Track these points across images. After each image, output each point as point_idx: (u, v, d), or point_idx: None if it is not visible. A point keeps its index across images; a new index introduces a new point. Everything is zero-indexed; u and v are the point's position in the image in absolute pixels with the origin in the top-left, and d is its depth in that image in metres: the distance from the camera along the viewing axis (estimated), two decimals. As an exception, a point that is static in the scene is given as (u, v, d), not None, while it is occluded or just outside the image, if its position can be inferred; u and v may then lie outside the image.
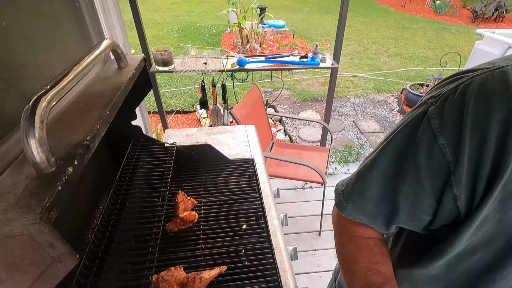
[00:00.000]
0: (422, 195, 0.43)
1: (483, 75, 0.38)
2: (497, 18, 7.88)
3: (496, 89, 0.36)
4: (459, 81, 0.40)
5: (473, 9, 8.04)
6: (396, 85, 4.43)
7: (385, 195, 0.47)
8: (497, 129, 0.35)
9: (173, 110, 3.64)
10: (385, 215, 0.49)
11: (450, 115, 0.39)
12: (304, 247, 1.98)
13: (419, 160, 0.42)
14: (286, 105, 3.91)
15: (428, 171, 0.41)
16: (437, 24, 7.78)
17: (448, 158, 0.39)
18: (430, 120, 0.40)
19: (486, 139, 0.36)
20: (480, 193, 0.38)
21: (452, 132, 0.38)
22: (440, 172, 0.40)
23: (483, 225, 0.40)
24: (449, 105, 0.39)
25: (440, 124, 0.39)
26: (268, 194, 1.05)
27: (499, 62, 0.39)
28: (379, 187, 0.47)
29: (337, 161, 2.77)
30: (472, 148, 0.37)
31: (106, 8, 1.54)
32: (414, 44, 6.27)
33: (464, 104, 0.37)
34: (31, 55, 0.67)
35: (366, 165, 0.50)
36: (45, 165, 0.44)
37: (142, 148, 1.03)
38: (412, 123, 0.43)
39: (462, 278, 0.46)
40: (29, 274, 0.41)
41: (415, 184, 0.43)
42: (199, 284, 0.69)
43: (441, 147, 0.39)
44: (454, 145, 0.38)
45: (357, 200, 0.51)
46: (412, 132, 0.42)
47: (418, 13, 8.85)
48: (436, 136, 0.39)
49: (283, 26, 6.21)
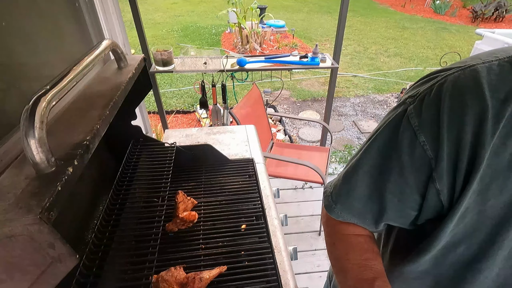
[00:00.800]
0: (408, 192, 0.44)
1: (455, 73, 0.40)
2: (497, 18, 7.88)
3: (468, 86, 0.38)
4: (434, 80, 0.41)
5: (473, 9, 8.04)
6: (396, 85, 4.43)
7: (372, 194, 0.49)
8: (472, 124, 0.37)
9: (173, 110, 3.64)
10: (373, 214, 0.50)
11: (428, 113, 0.40)
12: (304, 247, 1.98)
13: (402, 158, 0.43)
14: (286, 105, 3.91)
15: (411, 168, 0.43)
16: (437, 24, 7.78)
17: (429, 155, 0.41)
18: (410, 119, 0.42)
19: (462, 134, 0.38)
20: (459, 186, 0.40)
21: (431, 129, 0.40)
22: (422, 169, 0.42)
23: (465, 217, 0.41)
24: (426, 103, 0.41)
25: (419, 122, 0.41)
26: (268, 194, 1.05)
27: (469, 61, 0.40)
28: (365, 187, 0.49)
29: (337, 161, 2.77)
30: (450, 144, 0.39)
31: (106, 8, 1.54)
32: (414, 44, 6.27)
33: (440, 102, 0.39)
34: (31, 55, 0.67)
35: (351, 166, 0.51)
36: (45, 165, 0.44)
37: (142, 148, 1.03)
38: (392, 123, 0.45)
39: (450, 271, 0.47)
40: (29, 274, 0.41)
41: (400, 181, 0.44)
42: (199, 284, 0.69)
43: (421, 145, 0.41)
44: (434, 142, 0.40)
45: (345, 201, 0.52)
46: (393, 131, 0.44)
47: (418, 13, 8.85)
48: (417, 134, 0.41)
49: (283, 26, 6.21)
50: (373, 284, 0.49)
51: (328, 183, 0.59)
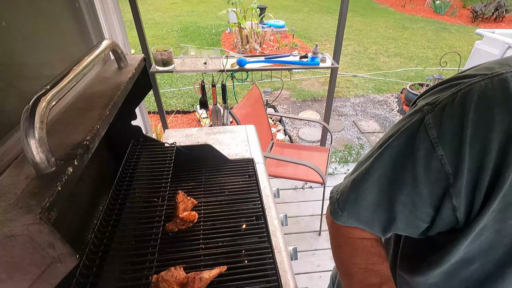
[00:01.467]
0: (420, 204, 0.42)
1: (481, 82, 0.36)
2: (497, 18, 7.88)
3: (497, 99, 0.34)
4: (456, 88, 0.38)
5: (473, 9, 8.04)
6: (396, 85, 4.43)
7: (381, 204, 0.46)
8: (498, 140, 0.34)
9: (173, 110, 3.64)
10: (381, 223, 0.48)
11: (449, 125, 0.37)
12: (304, 247, 1.98)
13: (416, 169, 0.41)
14: (286, 105, 3.91)
15: (426, 181, 0.40)
16: (437, 24, 7.78)
17: (447, 170, 0.38)
18: (428, 130, 0.39)
19: (487, 151, 0.35)
20: (478, 204, 0.38)
21: (451, 143, 0.37)
22: (438, 183, 0.40)
23: (481, 235, 0.39)
24: (447, 114, 0.37)
25: (438, 134, 0.38)
26: (268, 194, 1.05)
27: (497, 68, 0.37)
28: (374, 195, 0.47)
29: (337, 161, 2.77)
30: (472, 160, 0.36)
31: (106, 8, 1.54)
32: (414, 44, 6.27)
33: (464, 114, 0.36)
34: (31, 55, 0.67)
35: (361, 173, 0.49)
36: (45, 165, 0.44)
37: (142, 148, 1.03)
38: (408, 131, 0.42)
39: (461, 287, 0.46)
40: (29, 274, 0.41)
41: (413, 193, 0.42)
42: (199, 284, 0.69)
43: (439, 158, 0.38)
44: (454, 156, 0.37)
45: (353, 209, 0.50)
46: (409, 141, 0.41)
47: (418, 13, 8.85)
48: (434, 147, 0.38)
49: (283, 26, 6.21)
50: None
51: (334, 188, 0.57)
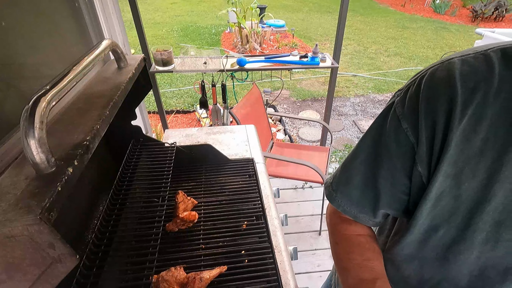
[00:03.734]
0: (397, 176, 0.48)
1: (435, 66, 0.44)
2: (497, 18, 7.88)
3: (443, 78, 0.42)
4: (419, 74, 0.46)
5: (473, 8, 8.04)
6: (396, 85, 4.43)
7: (368, 181, 0.52)
8: (443, 110, 0.41)
9: (173, 110, 3.64)
10: (369, 201, 0.53)
11: (410, 103, 0.45)
12: (304, 247, 1.98)
13: (390, 144, 0.48)
14: (286, 105, 3.91)
15: (398, 153, 0.47)
16: (437, 24, 7.77)
17: (411, 140, 0.45)
18: (396, 109, 0.47)
19: (436, 119, 0.42)
20: (433, 167, 0.44)
21: (412, 116, 0.44)
22: (407, 153, 0.46)
23: (441, 200, 0.44)
24: (409, 94, 0.45)
25: (402, 111, 0.46)
26: (268, 194, 1.05)
27: (453, 55, 0.44)
28: (361, 174, 0.53)
29: (337, 161, 2.77)
30: (427, 129, 0.43)
31: (105, 8, 1.54)
32: (414, 44, 6.27)
33: (419, 92, 0.43)
34: (31, 55, 0.67)
35: (349, 156, 0.56)
36: (45, 165, 0.44)
37: (142, 148, 1.03)
38: (383, 113, 0.50)
39: (433, 253, 0.50)
40: (29, 275, 0.41)
41: (390, 166, 0.48)
42: (199, 284, 0.69)
43: (405, 131, 0.45)
44: (414, 127, 0.44)
45: (344, 190, 0.56)
46: (383, 121, 0.49)
47: (417, 13, 8.84)
48: (401, 122, 0.46)
49: (283, 26, 6.21)
50: (374, 285, 0.50)
51: (328, 176, 0.62)
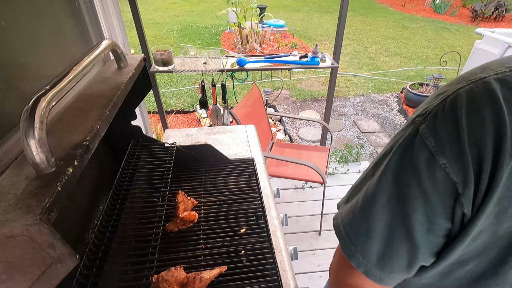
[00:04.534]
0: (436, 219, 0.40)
1: (467, 87, 0.37)
2: (497, 18, 7.88)
3: (485, 100, 0.35)
4: (443, 95, 0.38)
5: (472, 8, 8.04)
6: (396, 85, 4.43)
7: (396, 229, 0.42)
8: (492, 141, 0.34)
9: (173, 110, 3.64)
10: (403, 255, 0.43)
11: (445, 132, 0.36)
12: (304, 247, 1.98)
13: (422, 183, 0.38)
14: (286, 105, 3.91)
15: (435, 194, 0.38)
16: (437, 24, 7.77)
17: (453, 179, 0.36)
18: (425, 140, 0.38)
19: (484, 153, 0.35)
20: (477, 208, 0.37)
21: (451, 149, 0.36)
22: (447, 192, 0.38)
23: (478, 238, 0.39)
24: (440, 121, 0.37)
25: (436, 142, 0.37)
26: (268, 194, 1.05)
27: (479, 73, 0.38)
28: (386, 221, 0.43)
29: (337, 161, 2.77)
30: (474, 164, 0.35)
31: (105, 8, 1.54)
32: (414, 44, 6.27)
33: (457, 119, 0.36)
34: (31, 55, 0.67)
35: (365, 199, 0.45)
36: (45, 165, 0.44)
37: (142, 148, 1.03)
38: (404, 145, 0.40)
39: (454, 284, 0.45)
40: (29, 275, 0.41)
41: (426, 209, 0.39)
42: (199, 284, 0.69)
43: (442, 167, 0.37)
44: (456, 163, 0.36)
45: (367, 244, 0.45)
46: (407, 155, 0.40)
47: (417, 13, 8.84)
48: (435, 156, 0.37)
49: (283, 26, 6.21)
50: None
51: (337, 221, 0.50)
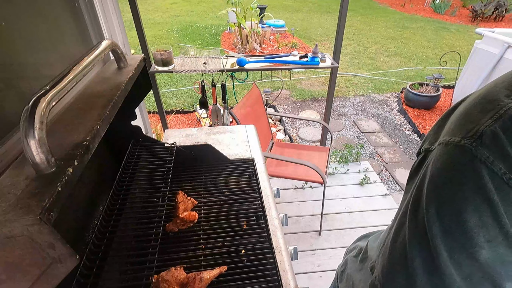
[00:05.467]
0: None
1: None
2: (497, 18, 7.88)
3: None
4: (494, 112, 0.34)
5: (472, 8, 8.04)
6: (396, 85, 4.43)
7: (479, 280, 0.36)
8: None
9: (173, 110, 3.64)
10: None
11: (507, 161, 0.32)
12: (304, 247, 1.98)
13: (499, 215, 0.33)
14: (286, 105, 3.91)
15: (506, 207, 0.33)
16: (437, 24, 7.77)
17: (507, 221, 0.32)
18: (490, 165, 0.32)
19: None
20: None
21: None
22: None
23: None
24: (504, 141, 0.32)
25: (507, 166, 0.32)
26: (268, 194, 1.05)
27: None
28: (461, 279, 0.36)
29: (337, 161, 2.77)
30: None
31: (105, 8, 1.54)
32: (414, 44, 6.27)
33: None
34: (31, 55, 0.67)
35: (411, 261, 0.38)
36: (45, 165, 0.44)
37: (142, 148, 1.03)
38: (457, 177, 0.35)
39: None
40: (29, 275, 0.41)
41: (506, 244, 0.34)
42: (199, 284, 0.69)
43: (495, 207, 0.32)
44: None
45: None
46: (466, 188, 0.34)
47: (417, 13, 8.84)
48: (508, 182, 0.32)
49: (283, 26, 6.21)
50: None
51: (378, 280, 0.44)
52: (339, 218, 2.19)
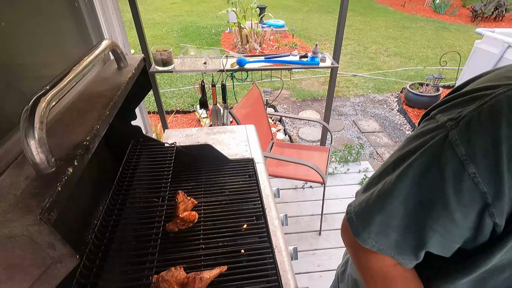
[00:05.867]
0: (453, 228, 0.40)
1: (508, 93, 0.34)
2: (497, 17, 7.87)
3: None
4: (480, 101, 0.36)
5: (472, 8, 8.04)
6: (396, 85, 4.43)
7: (410, 228, 0.44)
8: None
9: (173, 110, 3.64)
10: (412, 247, 0.45)
11: (480, 141, 0.35)
12: (304, 247, 1.98)
13: (446, 192, 0.38)
14: (286, 105, 3.91)
15: (458, 205, 0.38)
16: (437, 23, 7.77)
17: (481, 189, 0.36)
18: (454, 147, 0.37)
19: None
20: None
21: (485, 160, 0.35)
22: (473, 204, 0.37)
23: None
24: (475, 129, 0.35)
25: (467, 151, 0.36)
26: (268, 194, 1.05)
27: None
28: (401, 218, 0.44)
29: (337, 161, 2.77)
30: None
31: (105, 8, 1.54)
32: (414, 44, 6.27)
33: (496, 129, 0.34)
34: (31, 55, 0.67)
35: (382, 193, 0.45)
36: (45, 165, 0.44)
37: (142, 148, 1.03)
38: (431, 150, 0.39)
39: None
40: (29, 275, 0.41)
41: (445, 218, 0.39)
42: (199, 284, 0.68)
43: (471, 177, 0.36)
44: (490, 173, 0.35)
45: (380, 233, 0.46)
46: (433, 161, 0.39)
47: (417, 13, 8.84)
48: (465, 165, 0.36)
49: (283, 26, 6.21)
50: None
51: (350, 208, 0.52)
52: (339, 218, 2.19)
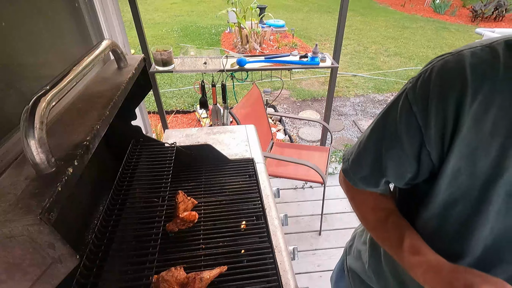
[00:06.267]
0: (403, 157, 0.54)
1: (446, 58, 0.48)
2: (497, 17, 7.88)
3: (453, 67, 0.46)
4: (430, 64, 0.50)
5: (472, 8, 8.04)
6: (396, 85, 4.43)
7: (376, 161, 0.58)
8: (454, 97, 0.45)
9: (173, 110, 3.64)
10: (376, 179, 0.61)
11: (421, 89, 0.49)
12: (304, 247, 1.98)
13: (399, 127, 0.52)
14: (286, 105, 3.91)
15: (406, 136, 0.52)
16: (437, 24, 7.77)
17: (419, 123, 0.49)
18: (408, 94, 0.51)
19: (446, 105, 0.46)
20: (447, 147, 0.48)
21: (422, 102, 0.49)
22: (416, 136, 0.50)
23: (457, 178, 0.48)
24: (420, 82, 0.50)
25: (413, 96, 0.50)
26: (268, 194, 1.05)
27: (463, 47, 0.48)
28: (372, 154, 0.59)
29: (337, 161, 2.77)
30: (438, 113, 0.47)
31: (105, 8, 1.54)
32: (414, 44, 6.27)
33: (430, 81, 0.48)
34: (31, 55, 0.67)
35: (364, 136, 0.61)
36: (45, 165, 0.44)
37: (142, 148, 1.03)
38: (395, 99, 0.55)
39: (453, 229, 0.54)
40: (29, 275, 0.41)
41: (398, 148, 0.54)
42: (199, 284, 0.69)
43: (414, 114, 0.50)
44: (423, 111, 0.48)
45: (357, 168, 0.63)
46: (394, 105, 0.54)
47: (417, 13, 8.84)
48: (412, 106, 0.50)
49: (283, 26, 6.21)
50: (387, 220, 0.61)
51: (347, 150, 0.68)
52: (339, 218, 2.19)
